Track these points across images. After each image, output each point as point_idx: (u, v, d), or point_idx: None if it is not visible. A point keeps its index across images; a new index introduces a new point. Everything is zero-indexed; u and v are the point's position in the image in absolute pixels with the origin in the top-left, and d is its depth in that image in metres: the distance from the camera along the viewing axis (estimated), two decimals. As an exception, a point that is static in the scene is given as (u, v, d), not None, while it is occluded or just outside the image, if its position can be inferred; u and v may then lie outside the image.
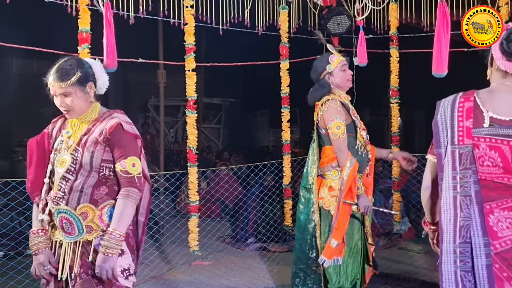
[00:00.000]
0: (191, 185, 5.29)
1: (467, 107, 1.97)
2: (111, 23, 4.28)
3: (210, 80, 13.28)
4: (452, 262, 1.91)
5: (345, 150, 3.42)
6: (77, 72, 2.37)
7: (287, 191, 6.08)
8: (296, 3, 6.02)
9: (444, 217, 1.95)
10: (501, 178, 1.94)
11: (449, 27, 3.96)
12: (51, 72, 2.37)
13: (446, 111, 2.00)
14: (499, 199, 1.94)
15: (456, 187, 1.93)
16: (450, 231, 1.93)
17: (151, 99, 13.60)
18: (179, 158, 11.23)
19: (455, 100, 2.01)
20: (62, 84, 2.34)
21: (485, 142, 1.93)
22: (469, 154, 1.92)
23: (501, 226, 1.91)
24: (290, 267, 3.81)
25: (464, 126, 1.95)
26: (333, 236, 3.37)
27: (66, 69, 2.35)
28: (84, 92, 2.39)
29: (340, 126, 3.42)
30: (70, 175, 2.35)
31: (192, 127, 5.26)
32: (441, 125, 2.00)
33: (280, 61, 5.91)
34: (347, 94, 3.64)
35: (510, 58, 1.99)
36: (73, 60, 2.42)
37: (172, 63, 5.68)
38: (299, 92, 7.55)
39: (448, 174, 1.94)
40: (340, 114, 3.45)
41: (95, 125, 2.42)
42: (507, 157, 1.92)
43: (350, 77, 3.58)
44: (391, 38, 6.06)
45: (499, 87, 2.03)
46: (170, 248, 5.63)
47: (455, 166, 1.93)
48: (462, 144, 1.94)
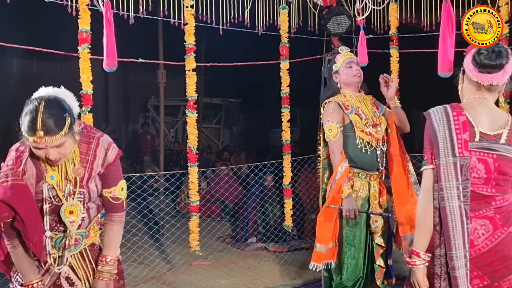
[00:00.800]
0: (191, 185, 5.29)
1: (462, 121, 2.10)
2: (111, 23, 4.28)
3: (210, 80, 13.29)
4: (464, 266, 2.03)
5: (337, 153, 3.46)
6: (66, 116, 2.07)
7: (287, 191, 6.08)
8: (296, 3, 6.01)
9: (451, 226, 2.04)
10: (481, 188, 2.10)
11: (454, 27, 3.97)
12: (33, 126, 2.01)
13: (442, 123, 2.12)
14: (476, 209, 2.10)
15: (460, 197, 2.05)
16: (459, 238, 2.04)
17: (151, 99, 13.61)
18: (179, 158, 11.23)
19: (448, 113, 2.13)
20: (57, 137, 2.03)
21: (476, 155, 2.09)
22: (468, 165, 2.06)
23: (477, 234, 2.09)
24: (290, 267, 3.81)
25: (462, 139, 2.08)
26: (316, 240, 3.46)
27: (55, 118, 2.03)
28: (74, 133, 2.14)
29: (333, 129, 3.46)
30: (84, 214, 2.29)
31: (192, 127, 5.26)
32: (440, 136, 2.10)
33: (280, 61, 5.91)
34: (360, 91, 3.64)
35: (481, 70, 2.12)
36: (53, 105, 2.06)
37: (172, 63, 5.67)
38: (299, 92, 7.59)
39: (452, 185, 2.05)
40: (333, 117, 3.48)
41: (83, 156, 2.23)
42: (490, 169, 2.08)
43: (357, 72, 3.58)
44: (391, 38, 6.06)
45: (478, 101, 2.17)
46: (170, 248, 5.63)
47: (458, 176, 2.05)
48: (462, 156, 2.06)
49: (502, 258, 2.09)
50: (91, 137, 2.26)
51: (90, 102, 4.49)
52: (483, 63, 2.12)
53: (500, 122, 2.13)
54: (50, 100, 2.08)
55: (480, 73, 2.13)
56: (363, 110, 3.55)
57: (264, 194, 6.51)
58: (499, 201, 2.12)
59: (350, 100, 3.55)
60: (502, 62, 2.11)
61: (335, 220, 3.46)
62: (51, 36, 7.27)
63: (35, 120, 2.01)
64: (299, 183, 6.64)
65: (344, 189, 3.41)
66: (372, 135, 3.49)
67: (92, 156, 2.24)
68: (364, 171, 3.48)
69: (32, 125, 2.01)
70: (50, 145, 2.05)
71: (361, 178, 3.51)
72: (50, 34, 8.00)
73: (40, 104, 2.04)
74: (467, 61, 2.19)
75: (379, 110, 3.63)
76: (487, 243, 2.09)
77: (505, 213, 2.12)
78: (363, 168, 3.49)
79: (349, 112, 3.50)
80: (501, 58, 2.11)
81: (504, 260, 2.09)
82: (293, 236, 6.24)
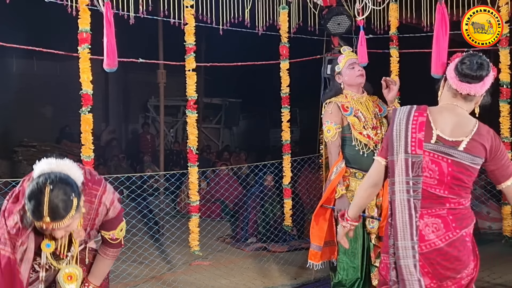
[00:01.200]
0: (191, 185, 5.29)
1: (420, 121, 2.22)
2: (111, 23, 4.28)
3: (210, 80, 13.28)
4: (411, 257, 2.16)
5: (334, 153, 3.49)
6: (73, 198, 2.00)
7: (287, 191, 6.08)
8: (296, 3, 6.01)
9: (399, 217, 2.19)
10: (434, 189, 2.19)
11: (448, 29, 3.97)
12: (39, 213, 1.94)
13: (401, 123, 2.24)
14: (430, 207, 2.20)
15: (410, 191, 2.18)
16: (406, 230, 2.18)
17: (151, 99, 13.60)
18: (179, 158, 11.23)
19: (410, 113, 2.25)
20: (64, 221, 1.99)
21: (429, 156, 2.19)
22: (420, 163, 2.18)
23: (428, 230, 2.19)
24: (290, 267, 3.82)
25: (417, 138, 2.20)
26: (311, 239, 3.52)
27: (62, 203, 1.96)
28: (81, 210, 2.08)
29: (331, 129, 3.49)
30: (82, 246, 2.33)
31: (192, 127, 5.26)
32: (396, 135, 2.24)
33: (280, 61, 5.91)
34: (363, 91, 3.65)
35: (462, 79, 2.21)
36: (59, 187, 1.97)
37: (172, 63, 5.67)
38: (299, 92, 7.58)
39: (402, 179, 2.19)
40: (332, 118, 3.50)
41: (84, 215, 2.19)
42: (444, 172, 2.18)
43: (359, 72, 3.59)
44: (391, 38, 6.06)
45: (447, 107, 2.27)
46: (170, 248, 5.63)
47: (408, 172, 2.18)
48: (414, 154, 2.18)
49: (452, 259, 2.18)
50: (93, 196, 2.19)
51: (90, 102, 4.49)
52: (464, 73, 2.19)
53: (464, 130, 2.22)
54: (55, 181, 1.97)
55: (460, 81, 2.21)
56: (363, 112, 3.55)
57: (264, 194, 6.51)
58: (454, 203, 2.21)
59: (350, 102, 3.56)
60: (483, 74, 2.19)
61: (328, 219, 3.49)
62: (51, 36, 7.25)
63: (41, 206, 1.92)
64: (299, 183, 6.64)
65: (338, 189, 3.44)
66: (370, 138, 3.49)
67: (94, 214, 2.23)
68: (361, 171, 3.49)
69: (38, 212, 1.93)
70: (59, 228, 1.99)
71: (358, 178, 3.51)
72: (50, 34, 7.99)
73: (45, 187, 1.94)
74: (449, 68, 2.26)
75: (381, 112, 3.63)
76: (438, 241, 2.18)
77: (458, 216, 2.20)
78: (360, 169, 3.50)
79: (348, 113, 3.51)
80: (482, 70, 2.19)
81: (453, 261, 2.18)
82: (293, 236, 6.23)
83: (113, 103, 13.91)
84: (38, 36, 7.20)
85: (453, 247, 2.17)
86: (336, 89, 3.64)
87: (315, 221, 3.51)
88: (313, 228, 3.53)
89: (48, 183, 1.94)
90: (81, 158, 4.48)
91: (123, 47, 4.60)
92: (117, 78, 12.96)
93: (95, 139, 5.08)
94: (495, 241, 5.84)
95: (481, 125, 2.25)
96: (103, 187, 2.22)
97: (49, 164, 2.07)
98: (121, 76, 13.14)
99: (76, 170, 2.12)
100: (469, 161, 2.18)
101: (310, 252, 3.54)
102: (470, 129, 2.21)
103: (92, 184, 2.19)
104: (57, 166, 2.07)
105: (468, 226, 2.22)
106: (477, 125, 2.24)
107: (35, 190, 1.94)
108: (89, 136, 4.49)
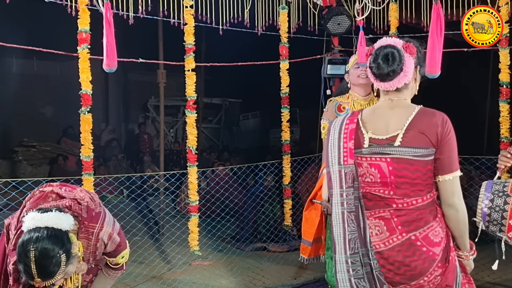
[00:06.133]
0: (191, 185, 5.28)
1: (350, 129, 2.16)
2: (111, 23, 4.26)
3: (210, 80, 13.28)
4: (346, 271, 2.11)
5: (326, 150, 3.48)
6: (61, 256, 1.99)
7: (287, 191, 6.08)
8: (296, 3, 6.01)
9: (335, 231, 2.15)
10: (378, 190, 2.11)
11: (443, 29, 3.97)
12: (29, 276, 1.97)
13: (335, 133, 2.20)
14: (374, 209, 2.12)
15: (344, 204, 2.13)
16: (341, 244, 2.13)
17: (151, 99, 13.61)
18: (179, 158, 11.23)
19: (343, 123, 2.20)
20: (56, 277, 2.01)
21: (367, 161, 2.12)
22: (352, 173, 2.12)
23: (371, 233, 2.11)
24: (290, 267, 3.82)
25: (348, 148, 2.14)
26: (302, 235, 3.55)
27: (50, 263, 1.97)
28: (73, 260, 2.08)
29: (326, 127, 3.52)
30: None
31: (192, 127, 5.25)
32: (330, 147, 2.19)
33: (280, 61, 5.91)
34: (370, 92, 3.61)
35: (378, 79, 2.13)
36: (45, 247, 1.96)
37: (172, 63, 5.67)
38: (299, 92, 7.58)
39: (337, 192, 2.15)
40: (327, 116, 3.56)
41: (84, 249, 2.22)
42: (384, 172, 2.08)
43: (361, 73, 3.59)
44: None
45: (382, 104, 2.18)
46: (170, 248, 5.63)
47: (342, 184, 2.14)
48: (346, 164, 2.13)
49: (396, 263, 2.06)
50: (90, 233, 2.21)
51: (89, 102, 4.49)
52: (376, 74, 2.12)
53: (399, 123, 2.08)
54: (40, 242, 1.96)
55: (378, 81, 2.14)
56: None
57: (264, 194, 6.51)
58: (400, 204, 2.07)
59: (350, 102, 3.57)
60: (395, 69, 2.08)
61: (319, 215, 3.48)
62: (51, 36, 7.25)
63: (29, 269, 1.95)
64: (299, 183, 6.64)
65: None
66: None
67: (93, 248, 2.25)
68: None
69: (28, 274, 1.97)
70: (50, 283, 2.02)
71: None
72: (50, 34, 7.98)
73: (30, 252, 1.94)
74: (368, 71, 2.19)
75: None
76: (381, 244, 2.08)
77: (405, 217, 2.06)
78: None
79: (342, 114, 3.52)
80: (393, 65, 2.08)
81: (399, 266, 2.05)
82: (293, 236, 6.23)
83: (113, 103, 13.91)
84: (38, 36, 7.19)
85: (397, 252, 2.05)
86: (342, 88, 3.69)
87: (305, 216, 3.53)
88: (303, 223, 3.55)
89: (31, 247, 1.95)
90: (80, 158, 4.48)
91: (123, 47, 4.59)
92: (117, 78, 12.96)
93: (95, 139, 5.08)
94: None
95: (423, 111, 2.09)
96: (100, 223, 2.23)
97: (34, 220, 2.04)
98: (121, 76, 13.15)
99: (65, 218, 2.08)
100: (410, 154, 2.03)
101: (301, 246, 3.58)
102: (405, 120, 2.07)
103: (88, 222, 2.20)
104: (41, 221, 2.03)
105: (419, 229, 2.04)
106: (415, 113, 2.08)
107: (21, 253, 1.97)
108: (88, 136, 4.49)
